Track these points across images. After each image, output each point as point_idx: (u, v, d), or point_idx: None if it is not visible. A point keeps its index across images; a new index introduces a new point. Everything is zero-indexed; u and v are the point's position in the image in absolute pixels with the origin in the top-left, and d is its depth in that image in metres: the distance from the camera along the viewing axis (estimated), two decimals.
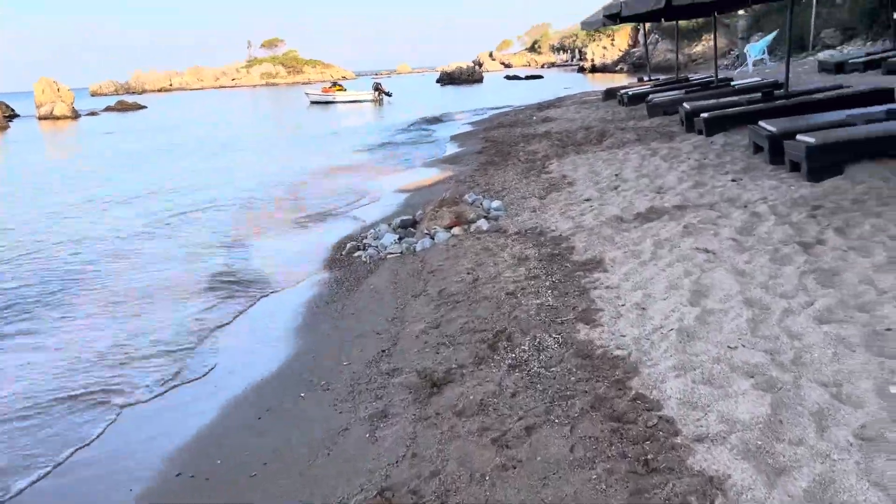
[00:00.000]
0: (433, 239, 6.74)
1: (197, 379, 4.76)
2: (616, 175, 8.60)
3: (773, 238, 5.03)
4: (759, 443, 2.69)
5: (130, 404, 4.45)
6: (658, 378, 3.39)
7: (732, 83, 14.97)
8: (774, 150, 7.72)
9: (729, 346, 3.55)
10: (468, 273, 5.53)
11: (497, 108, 28.57)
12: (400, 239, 6.96)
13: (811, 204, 5.74)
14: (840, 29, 28.14)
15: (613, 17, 18.41)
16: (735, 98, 11.97)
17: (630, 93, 18.11)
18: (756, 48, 26.53)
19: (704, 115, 10.56)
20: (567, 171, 9.58)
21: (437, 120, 25.19)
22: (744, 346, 3.53)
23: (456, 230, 6.81)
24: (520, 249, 5.96)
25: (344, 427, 3.67)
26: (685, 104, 11.92)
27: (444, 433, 3.32)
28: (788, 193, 6.21)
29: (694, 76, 20.31)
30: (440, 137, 18.98)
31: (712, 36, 54.18)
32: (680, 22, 21.78)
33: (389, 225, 7.59)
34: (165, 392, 4.60)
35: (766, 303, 3.99)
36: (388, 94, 44.50)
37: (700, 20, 47.74)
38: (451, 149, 15.77)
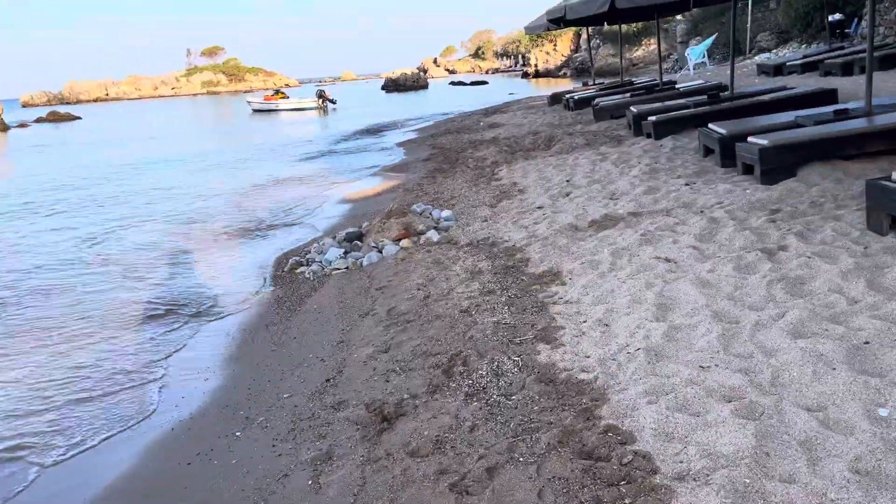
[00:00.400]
0: (381, 252, 6.38)
1: (122, 429, 4.27)
2: (567, 181, 8.39)
3: (734, 245, 4.84)
4: (748, 481, 2.42)
5: (44, 465, 3.93)
6: (629, 405, 3.10)
7: (677, 86, 15.04)
8: (725, 153, 7.62)
9: (701, 366, 3.29)
10: (419, 289, 5.19)
11: (443, 114, 28.36)
12: (346, 253, 6.58)
13: (769, 208, 5.59)
14: (775, 32, 28.88)
15: (557, 22, 18.38)
16: (681, 101, 11.95)
17: (576, 97, 18.08)
18: (696, 52, 26.98)
19: (652, 118, 10.47)
20: (517, 178, 9.34)
21: (382, 127, 24.79)
22: (717, 365, 3.28)
23: (405, 243, 6.47)
24: (472, 262, 5.65)
25: (283, 473, 3.27)
26: (632, 108, 11.84)
27: (397, 478, 2.97)
28: (744, 197, 6.07)
29: (638, 80, 20.45)
30: (386, 145, 18.61)
31: (653, 41, 55.30)
32: (621, 27, 21.96)
33: (334, 238, 7.19)
34: (85, 443, 4.10)
35: (735, 316, 3.76)
36: (333, 102, 43.91)
37: (639, 25, 48.65)
38: (398, 156, 15.42)
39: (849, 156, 6.57)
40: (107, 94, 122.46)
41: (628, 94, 15.04)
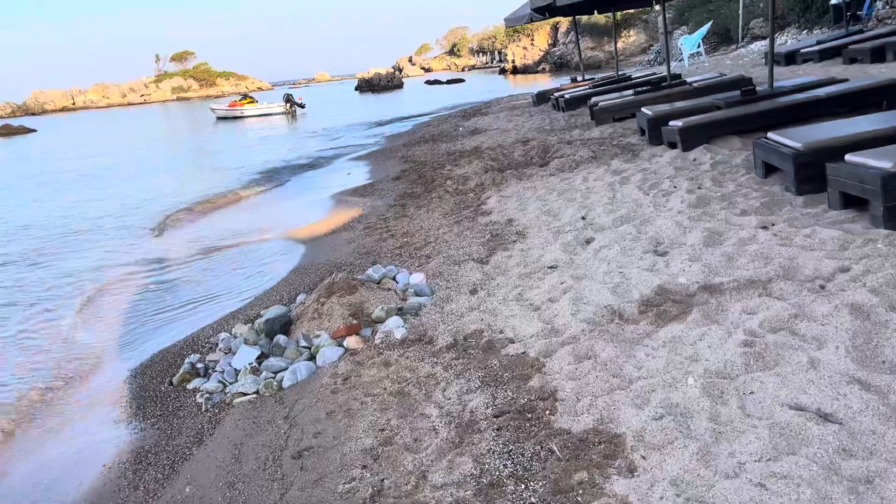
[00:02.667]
0: (314, 361, 4.09)
1: None
2: (583, 218, 6.15)
3: None
4: None
5: None
6: None
7: (689, 81, 12.86)
8: (805, 176, 5.44)
9: None
10: (364, 468, 2.90)
11: (419, 117, 26.05)
12: (260, 360, 4.27)
13: None
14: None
15: (542, 11, 16.20)
16: (703, 100, 9.76)
17: (567, 96, 15.86)
18: (690, 41, 24.89)
19: (677, 123, 8.27)
20: (512, 210, 7.09)
21: (348, 135, 22.40)
22: None
23: (352, 342, 4.18)
24: (459, 395, 3.37)
25: None
26: (645, 109, 9.63)
27: None
28: (881, 259, 3.84)
29: (635, 74, 18.27)
30: (352, 157, 16.26)
31: (633, 32, 53.43)
32: (599, 18, 19.92)
33: (252, 324, 4.86)
34: None
35: None
36: (301, 106, 41.48)
37: (619, 15, 46.72)
38: (364, 173, 13.09)
39: None
40: (73, 104, 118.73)
41: (632, 92, 12.83)
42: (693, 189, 6.23)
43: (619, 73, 17.10)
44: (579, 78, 20.39)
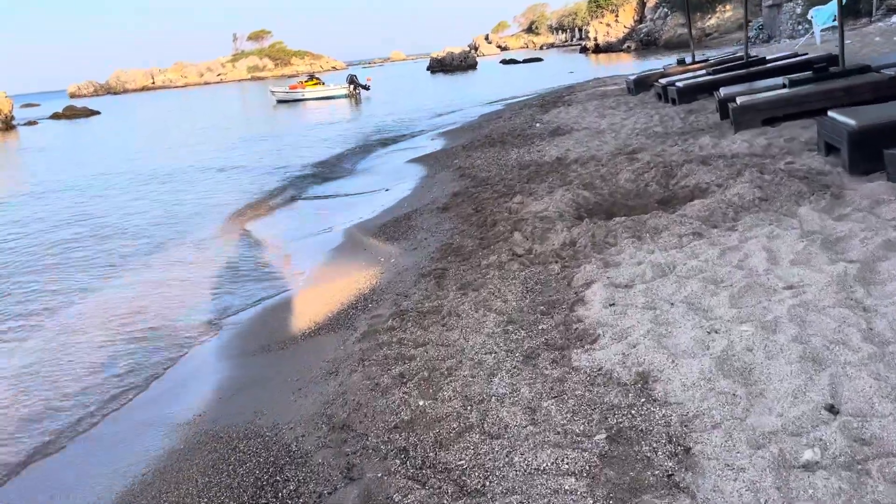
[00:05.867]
0: None
1: None
2: (829, 409, 2.57)
3: None
4: None
5: None
6: None
7: (872, 66, 8.85)
8: None
9: None
10: None
11: (489, 104, 22.47)
12: None
13: None
14: None
15: None
16: None
17: (680, 84, 12.01)
18: (823, 13, 20.26)
19: None
20: (641, 334, 3.53)
21: (402, 129, 18.98)
22: None
23: None
24: None
25: None
26: (840, 116, 5.88)
27: None
28: None
29: (770, 56, 14.16)
30: (395, 164, 12.85)
31: (728, 7, 47.87)
32: None
33: None
34: None
35: None
36: (366, 88, 38.44)
37: None
38: (404, 190, 9.68)
39: None
40: (153, 83, 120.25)
41: (781, 82, 8.91)
42: None
43: (748, 54, 13.06)
44: (688, 59, 16.37)
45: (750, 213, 5.17)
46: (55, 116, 47.70)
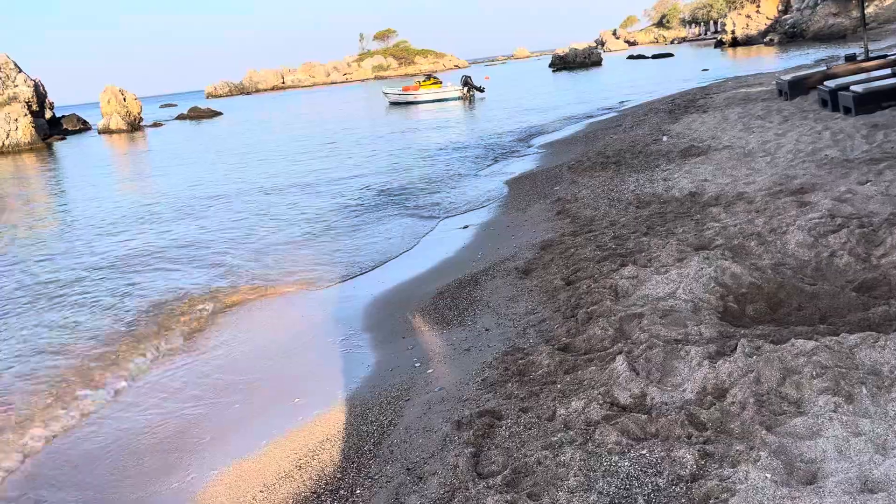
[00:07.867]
0: None
1: None
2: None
3: None
4: None
5: None
6: None
7: None
8: None
9: None
10: None
11: (608, 110, 19.89)
12: None
13: None
14: None
15: None
16: None
17: (859, 88, 9.15)
18: None
19: None
20: None
21: (508, 137, 16.82)
22: None
23: None
24: None
25: None
26: None
27: None
28: None
29: None
30: (488, 185, 10.73)
31: None
32: None
33: None
34: None
35: None
36: (480, 90, 36.46)
37: None
38: (482, 233, 7.58)
39: None
40: (283, 82, 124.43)
41: None
42: None
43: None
44: (858, 53, 13.18)
45: None
46: (180, 118, 49.14)
